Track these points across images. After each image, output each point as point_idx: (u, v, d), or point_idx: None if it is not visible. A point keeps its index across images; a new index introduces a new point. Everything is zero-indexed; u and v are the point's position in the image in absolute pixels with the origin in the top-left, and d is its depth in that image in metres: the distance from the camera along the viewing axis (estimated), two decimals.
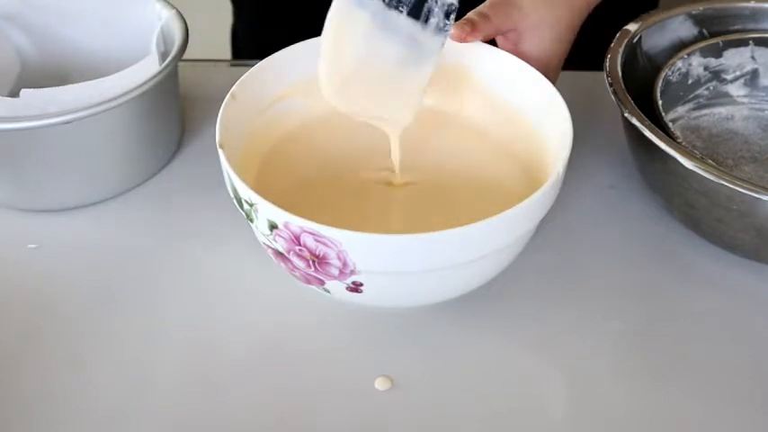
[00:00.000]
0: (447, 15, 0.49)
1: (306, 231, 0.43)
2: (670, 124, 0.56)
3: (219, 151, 0.47)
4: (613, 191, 0.60)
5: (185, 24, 0.60)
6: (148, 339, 0.50)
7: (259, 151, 0.54)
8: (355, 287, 0.46)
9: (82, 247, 0.56)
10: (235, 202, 0.47)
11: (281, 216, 0.43)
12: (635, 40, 0.60)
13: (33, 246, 0.55)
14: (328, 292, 0.48)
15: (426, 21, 0.49)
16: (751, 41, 0.63)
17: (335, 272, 0.45)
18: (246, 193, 0.45)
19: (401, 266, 0.44)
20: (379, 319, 0.51)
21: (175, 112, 0.62)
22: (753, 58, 0.64)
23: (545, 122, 0.53)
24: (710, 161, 0.52)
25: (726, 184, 0.49)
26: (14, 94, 0.55)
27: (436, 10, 0.49)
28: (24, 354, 0.49)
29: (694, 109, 0.64)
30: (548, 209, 0.48)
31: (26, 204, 0.58)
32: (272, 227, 0.44)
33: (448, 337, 0.51)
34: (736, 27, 0.64)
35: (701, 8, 0.64)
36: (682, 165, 0.50)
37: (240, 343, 0.50)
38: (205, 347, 0.50)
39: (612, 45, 0.59)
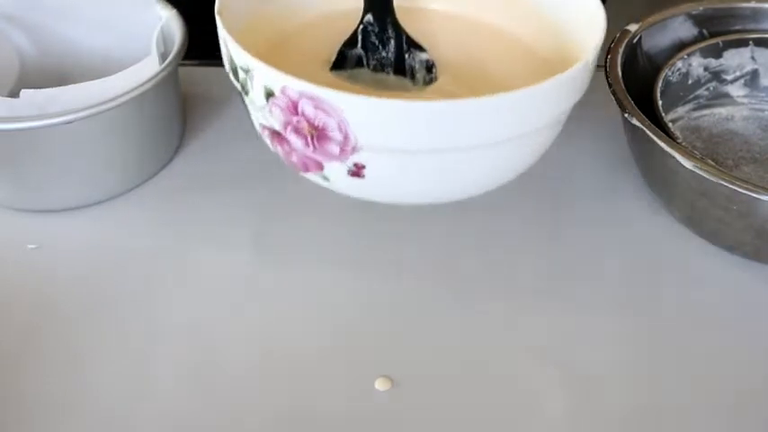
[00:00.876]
0: (429, 70, 0.52)
1: (305, 96, 0.39)
2: (670, 124, 0.56)
3: (217, 18, 0.43)
4: (613, 191, 0.60)
5: (185, 24, 0.60)
6: (148, 339, 0.50)
7: (263, 39, 0.51)
8: (357, 170, 0.42)
9: (82, 247, 0.56)
10: (231, 75, 0.44)
11: (278, 80, 0.40)
12: (635, 40, 0.60)
13: (33, 246, 0.55)
14: (327, 180, 0.44)
15: (413, 77, 0.52)
16: (751, 42, 0.63)
17: (335, 149, 0.41)
18: (242, 58, 0.42)
19: (408, 141, 0.40)
20: (380, 317, 0.51)
21: (176, 112, 0.62)
22: (753, 58, 0.64)
23: (569, 18, 0.49)
24: (710, 161, 0.52)
25: (725, 184, 0.49)
26: (14, 94, 0.55)
27: (417, 66, 0.52)
28: (24, 354, 0.49)
29: (694, 109, 0.64)
30: (578, 96, 0.44)
31: (26, 204, 0.58)
32: (269, 95, 0.41)
33: (448, 336, 0.51)
34: (736, 27, 0.64)
35: (701, 8, 0.64)
36: (682, 165, 0.50)
37: (240, 342, 0.50)
38: (205, 347, 0.50)
39: (612, 45, 0.59)
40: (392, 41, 0.52)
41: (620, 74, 0.57)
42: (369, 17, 0.52)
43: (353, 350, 0.50)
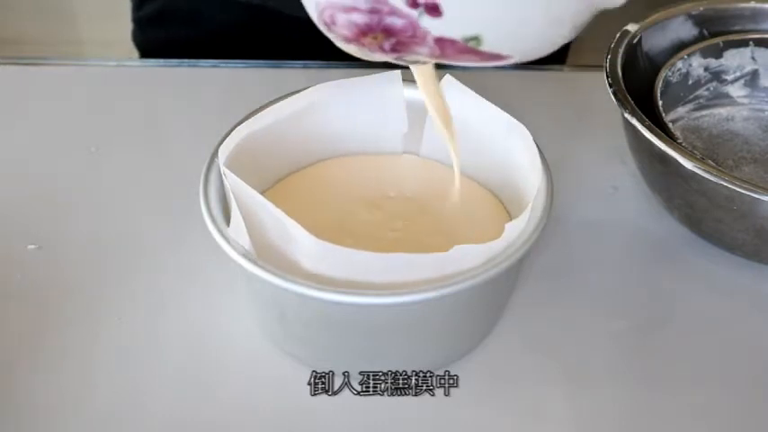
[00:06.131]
0: None
1: None
2: (670, 125, 0.56)
3: None
4: (614, 191, 0.60)
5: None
6: (150, 340, 0.50)
7: None
8: None
9: (82, 247, 0.55)
10: None
11: None
12: (635, 41, 0.60)
13: (33, 246, 0.55)
14: None
15: None
16: (751, 42, 0.63)
17: None
18: None
19: None
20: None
21: None
22: (753, 58, 0.64)
23: None
24: (711, 162, 0.52)
25: (725, 184, 0.49)
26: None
27: None
28: (24, 355, 0.49)
29: (694, 110, 0.64)
30: None
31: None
32: None
33: None
34: (736, 28, 0.64)
35: (701, 8, 0.64)
36: (682, 165, 0.50)
37: (240, 342, 0.50)
38: (206, 348, 0.50)
39: (612, 45, 0.59)
40: None
41: (620, 74, 0.57)
42: None
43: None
